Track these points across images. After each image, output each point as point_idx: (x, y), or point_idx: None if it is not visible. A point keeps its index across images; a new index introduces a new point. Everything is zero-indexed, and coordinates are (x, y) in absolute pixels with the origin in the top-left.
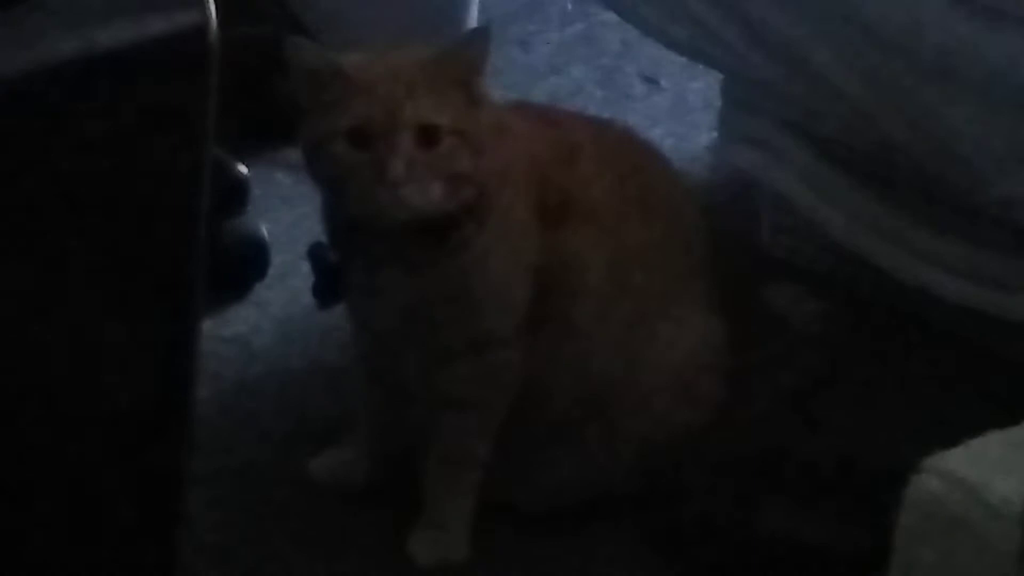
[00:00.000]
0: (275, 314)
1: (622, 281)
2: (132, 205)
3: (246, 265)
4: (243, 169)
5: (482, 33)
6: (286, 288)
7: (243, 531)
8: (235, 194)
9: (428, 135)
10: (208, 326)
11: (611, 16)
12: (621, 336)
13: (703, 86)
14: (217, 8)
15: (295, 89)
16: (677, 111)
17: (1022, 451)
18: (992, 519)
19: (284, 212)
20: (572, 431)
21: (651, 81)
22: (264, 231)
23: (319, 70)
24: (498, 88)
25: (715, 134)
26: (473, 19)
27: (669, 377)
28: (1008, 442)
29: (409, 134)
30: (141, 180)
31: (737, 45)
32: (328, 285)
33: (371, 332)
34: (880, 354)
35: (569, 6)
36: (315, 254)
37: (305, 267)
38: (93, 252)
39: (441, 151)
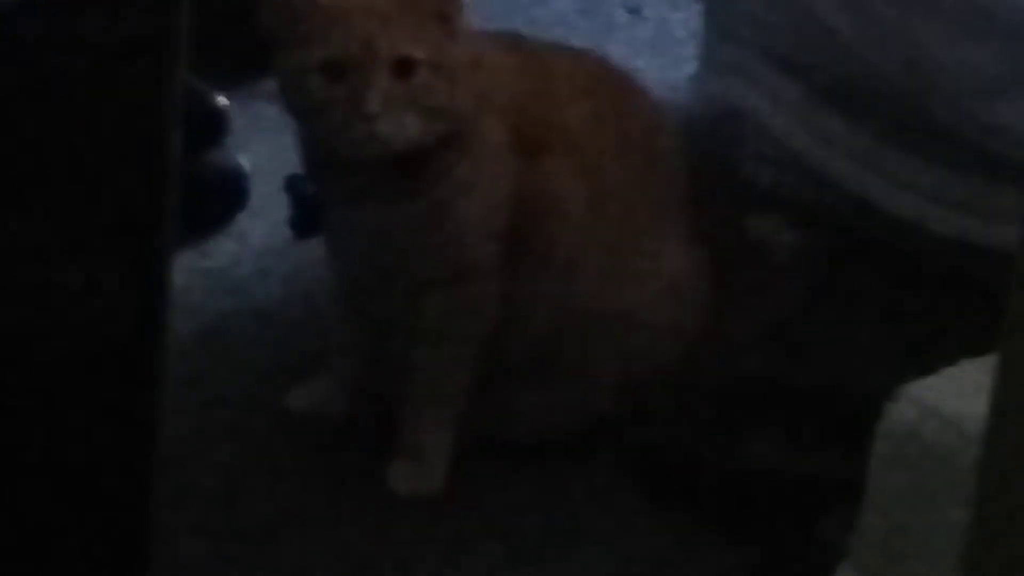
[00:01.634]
0: (255, 245)
1: (601, 211)
2: (103, 134)
3: (226, 196)
4: (223, 100)
5: None
6: (267, 219)
7: (220, 463)
8: (215, 125)
9: (404, 68)
10: (188, 258)
11: None
12: (600, 266)
13: (686, 16)
14: None
15: (269, 21)
16: (660, 41)
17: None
18: (966, 446)
19: (265, 143)
20: (551, 362)
21: (634, 11)
22: (244, 162)
23: (293, 1)
24: (479, 18)
25: (697, 64)
26: None
27: (649, 307)
28: (982, 370)
29: (385, 67)
30: (112, 109)
31: None
32: (306, 217)
33: (349, 264)
34: (860, 284)
35: None
36: (292, 185)
37: (285, 198)
38: (64, 183)
39: (417, 84)
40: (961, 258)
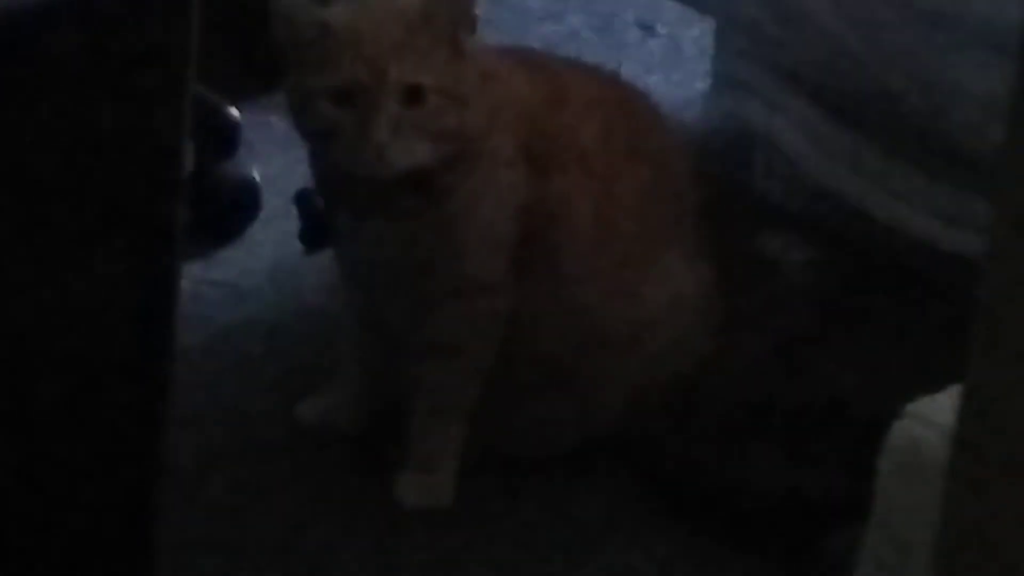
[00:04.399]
0: (266, 257)
1: (610, 226)
2: (113, 145)
3: (237, 208)
4: (235, 112)
5: None
6: (277, 231)
7: (229, 474)
8: (227, 137)
9: (413, 95)
10: (198, 269)
11: None
12: (609, 282)
13: (698, 33)
14: None
15: (280, 44)
16: (672, 58)
17: None
18: None
19: (277, 155)
20: (560, 377)
21: (647, 28)
22: (256, 174)
23: (304, 25)
24: (493, 35)
25: (709, 82)
26: None
27: (657, 323)
28: None
29: (394, 95)
30: (122, 119)
31: None
32: (315, 231)
33: (358, 279)
34: (869, 302)
35: None
36: (302, 200)
37: (296, 211)
38: (73, 192)
39: (426, 110)
40: (971, 277)
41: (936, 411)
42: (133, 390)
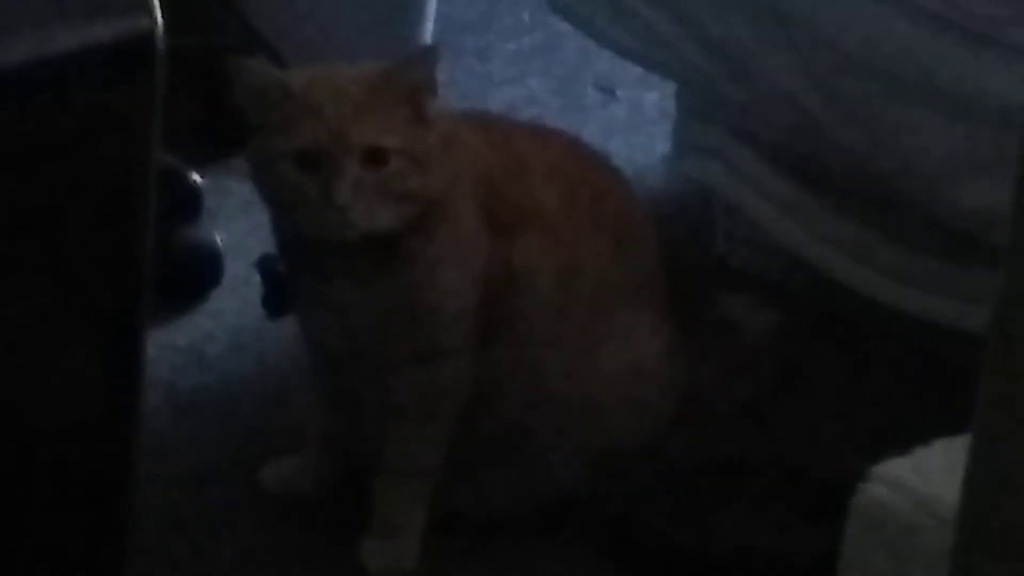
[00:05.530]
0: (228, 323)
1: (573, 291)
2: (77, 211)
3: (199, 273)
4: (197, 177)
5: (431, 51)
6: (240, 297)
7: (193, 539)
8: (189, 202)
9: (375, 157)
10: (161, 334)
11: (567, 27)
12: (572, 345)
13: (659, 97)
14: (172, 17)
15: (241, 108)
16: (633, 122)
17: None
18: (938, 527)
19: (239, 221)
20: (523, 439)
21: (607, 91)
22: (218, 239)
23: (265, 90)
24: (454, 98)
25: (670, 145)
26: (429, 29)
27: (621, 386)
28: (954, 450)
29: (356, 157)
30: (86, 186)
31: (691, 55)
32: (278, 296)
33: (321, 342)
34: (833, 363)
35: (526, 17)
36: (264, 265)
37: (258, 277)
38: (37, 258)
39: (388, 172)
40: (932, 338)
41: (902, 473)
42: (98, 455)
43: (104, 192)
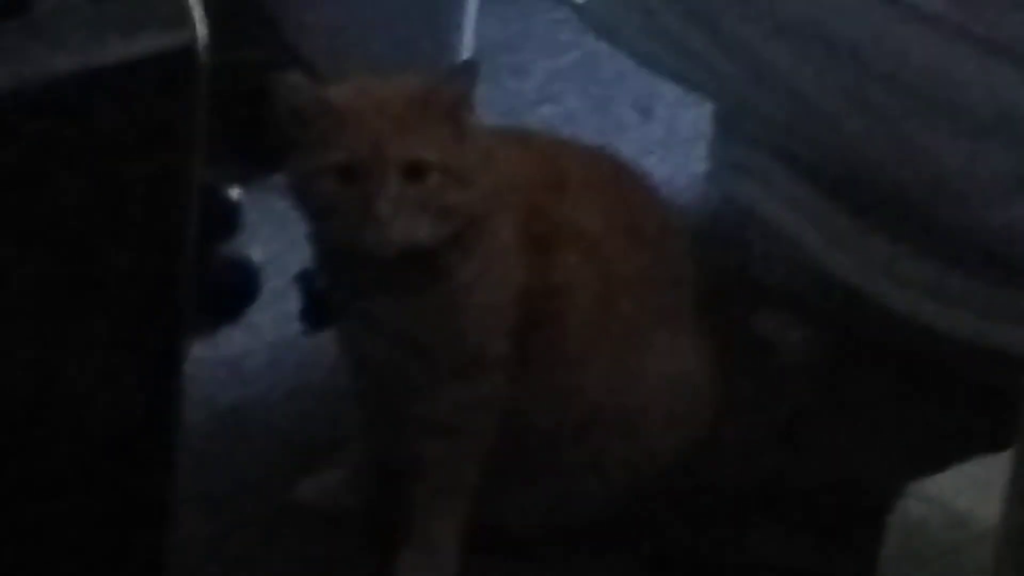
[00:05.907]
0: (266, 338)
1: (610, 308)
2: (121, 223)
3: (237, 289)
4: (235, 193)
5: (470, 66)
6: (278, 312)
7: (233, 552)
8: (227, 218)
9: (415, 171)
10: (200, 349)
11: (604, 45)
12: (609, 362)
13: (696, 116)
14: (212, 32)
15: (281, 123)
16: (670, 141)
17: (1004, 476)
18: (975, 544)
19: (277, 236)
20: (560, 456)
21: (644, 111)
22: (256, 255)
23: (305, 104)
24: (491, 116)
25: (707, 164)
26: (467, 46)
27: (657, 403)
28: (991, 467)
29: (396, 170)
30: (130, 198)
31: (729, 75)
32: (316, 311)
33: (359, 357)
34: (868, 382)
35: (563, 35)
36: (303, 280)
37: (296, 291)
38: (80, 271)
39: (428, 186)
40: (968, 358)
41: (938, 491)
42: (140, 471)
43: (147, 205)
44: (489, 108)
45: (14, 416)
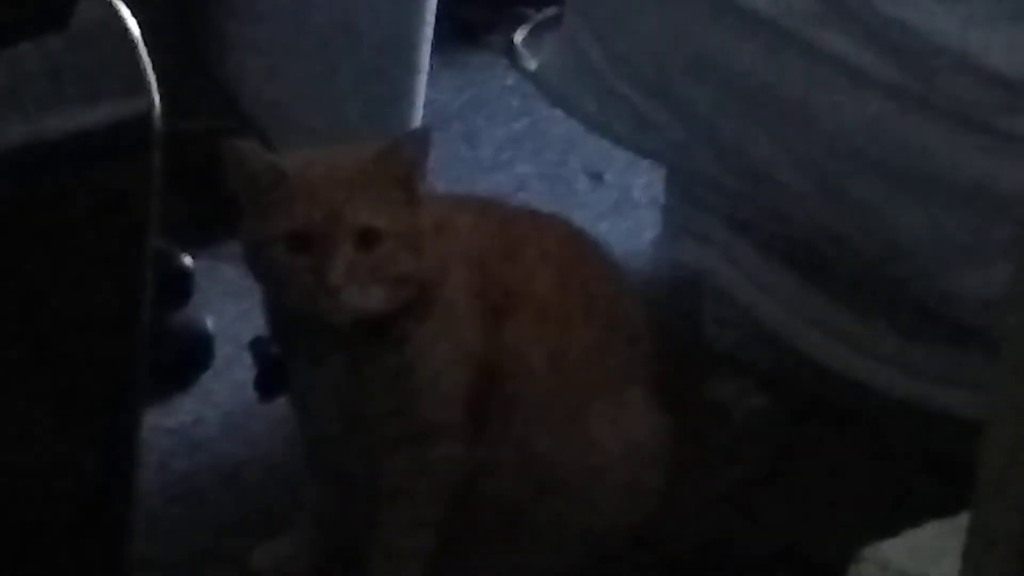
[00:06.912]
0: (219, 405)
1: (565, 373)
2: (74, 292)
3: (190, 356)
4: (188, 260)
5: (423, 133)
6: (230, 379)
7: None
8: (180, 285)
9: (368, 238)
10: (152, 416)
11: (556, 112)
12: (564, 429)
13: (647, 181)
14: (162, 99)
15: (234, 190)
16: (622, 206)
17: (957, 540)
18: None
19: (229, 304)
20: (517, 521)
21: (596, 176)
22: (208, 322)
23: (258, 172)
24: (443, 183)
25: (659, 229)
26: (419, 114)
27: (611, 469)
28: (944, 532)
29: (349, 238)
30: (85, 265)
31: (681, 140)
32: (270, 378)
33: (313, 423)
34: (821, 448)
35: (515, 102)
36: (257, 347)
37: (249, 359)
38: (33, 341)
39: (381, 254)
40: (922, 423)
41: (892, 555)
42: (93, 538)
43: (101, 272)
44: (441, 174)
45: None
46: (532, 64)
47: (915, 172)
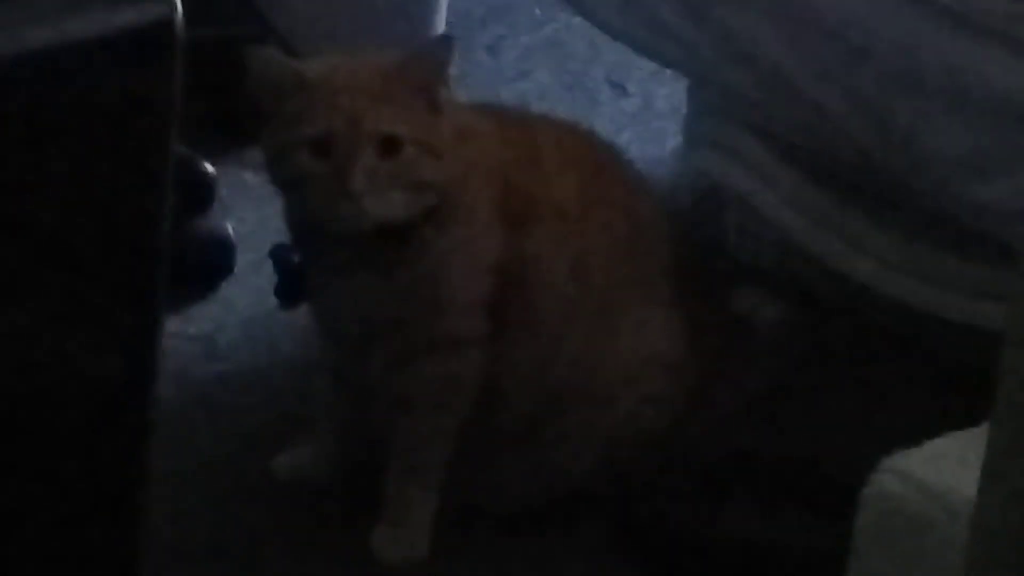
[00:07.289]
0: (240, 312)
1: (584, 282)
2: (96, 197)
3: (212, 263)
4: (210, 168)
5: (445, 41)
6: (252, 287)
7: (206, 528)
8: (202, 192)
9: (389, 145)
10: (173, 324)
11: (579, 20)
12: (583, 337)
13: (670, 91)
14: (186, 8)
15: (256, 97)
16: (644, 116)
17: (978, 451)
18: (949, 519)
19: (251, 211)
20: (535, 431)
21: (618, 86)
22: (230, 229)
23: (280, 79)
24: (465, 92)
25: (681, 139)
26: (442, 22)
27: (631, 378)
28: (965, 442)
29: (370, 145)
30: (105, 172)
31: (704, 50)
32: (291, 286)
33: (333, 332)
34: (842, 357)
35: (537, 11)
36: (277, 255)
37: (270, 266)
38: (54, 245)
39: (402, 161)
40: (945, 334)
41: (913, 465)
42: (114, 446)
43: (122, 178)
44: (463, 84)
45: None
46: None
47: (932, 80)
